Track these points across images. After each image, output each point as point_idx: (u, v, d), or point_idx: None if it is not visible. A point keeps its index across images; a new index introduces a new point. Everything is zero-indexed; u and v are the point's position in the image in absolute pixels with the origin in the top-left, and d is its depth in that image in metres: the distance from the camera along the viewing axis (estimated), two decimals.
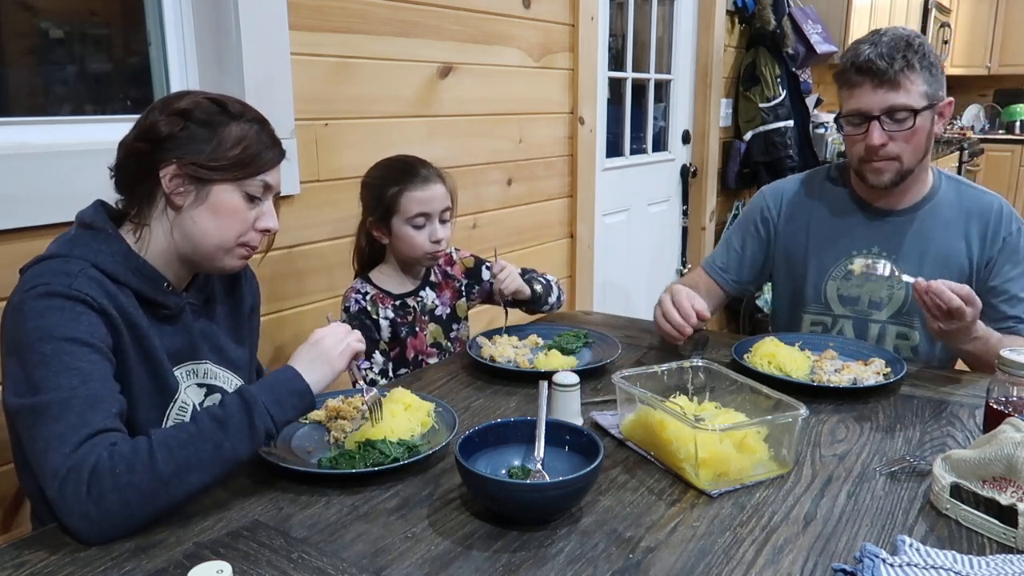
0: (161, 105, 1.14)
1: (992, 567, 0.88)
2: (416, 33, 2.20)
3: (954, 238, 1.67)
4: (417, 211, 1.64)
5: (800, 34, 4.13)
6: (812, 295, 1.79)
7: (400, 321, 1.70)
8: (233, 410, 1.02)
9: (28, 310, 1.01)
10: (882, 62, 1.53)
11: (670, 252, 3.96)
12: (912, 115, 1.55)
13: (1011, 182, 6.93)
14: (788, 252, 1.82)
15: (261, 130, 1.17)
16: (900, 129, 1.56)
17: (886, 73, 1.53)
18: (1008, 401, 1.16)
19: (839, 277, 1.75)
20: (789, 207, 1.82)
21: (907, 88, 1.54)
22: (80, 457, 0.94)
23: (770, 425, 1.14)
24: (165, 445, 0.97)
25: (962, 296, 1.37)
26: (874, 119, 1.56)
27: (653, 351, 1.69)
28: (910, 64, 1.54)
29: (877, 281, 1.70)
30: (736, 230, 1.90)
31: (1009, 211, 1.67)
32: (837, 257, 1.75)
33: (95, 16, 1.79)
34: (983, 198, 1.69)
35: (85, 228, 1.12)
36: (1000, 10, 7.15)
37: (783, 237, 1.82)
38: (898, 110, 1.55)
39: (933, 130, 1.61)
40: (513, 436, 1.12)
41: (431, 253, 1.68)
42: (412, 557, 0.93)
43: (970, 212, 1.67)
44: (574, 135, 2.92)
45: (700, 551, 0.94)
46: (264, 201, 1.18)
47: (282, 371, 1.10)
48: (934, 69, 1.57)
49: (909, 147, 1.59)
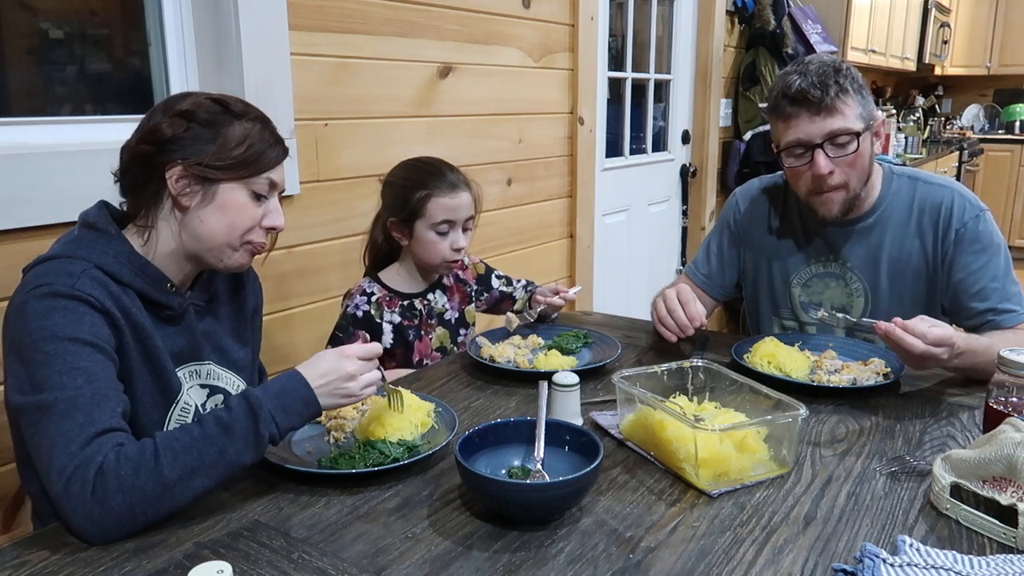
0: (163, 107, 1.14)
1: (992, 567, 0.88)
2: (416, 33, 2.20)
3: (907, 239, 1.64)
4: (443, 218, 1.63)
5: (800, 34, 4.13)
6: (781, 300, 1.79)
7: (406, 323, 1.69)
8: (239, 415, 1.01)
9: (31, 310, 1.02)
10: (815, 91, 1.51)
11: (670, 252, 3.97)
12: (854, 138, 1.53)
13: (1011, 182, 6.92)
14: (757, 255, 1.81)
15: (264, 128, 1.17)
16: (844, 154, 1.54)
17: (822, 101, 1.51)
18: (1008, 401, 1.16)
19: (799, 284, 1.75)
20: (755, 209, 1.80)
21: (843, 113, 1.53)
22: (87, 456, 0.94)
23: (770, 425, 1.14)
24: (170, 449, 0.97)
25: (932, 340, 1.29)
26: (817, 147, 1.54)
27: (653, 351, 1.69)
28: (843, 89, 1.52)
29: (836, 285, 1.71)
30: (714, 235, 1.89)
31: (962, 201, 1.61)
32: (797, 264, 1.74)
33: (95, 16, 1.79)
34: (934, 192, 1.64)
35: (88, 228, 1.12)
36: (1000, 10, 7.14)
37: (753, 240, 1.81)
38: (839, 135, 1.53)
39: (873, 151, 1.59)
40: (513, 436, 1.12)
41: (450, 261, 1.67)
42: (412, 557, 0.93)
43: (922, 209, 1.63)
44: (574, 135, 2.92)
45: (700, 551, 0.94)
46: (270, 199, 1.19)
47: (291, 377, 1.08)
48: (864, 91, 1.57)
49: (855, 172, 1.56)
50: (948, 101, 7.91)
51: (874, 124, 1.58)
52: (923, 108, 6.98)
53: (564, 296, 1.78)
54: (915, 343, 1.30)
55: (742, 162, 4.02)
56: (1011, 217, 6.90)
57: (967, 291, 1.60)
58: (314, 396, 1.07)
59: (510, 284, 1.91)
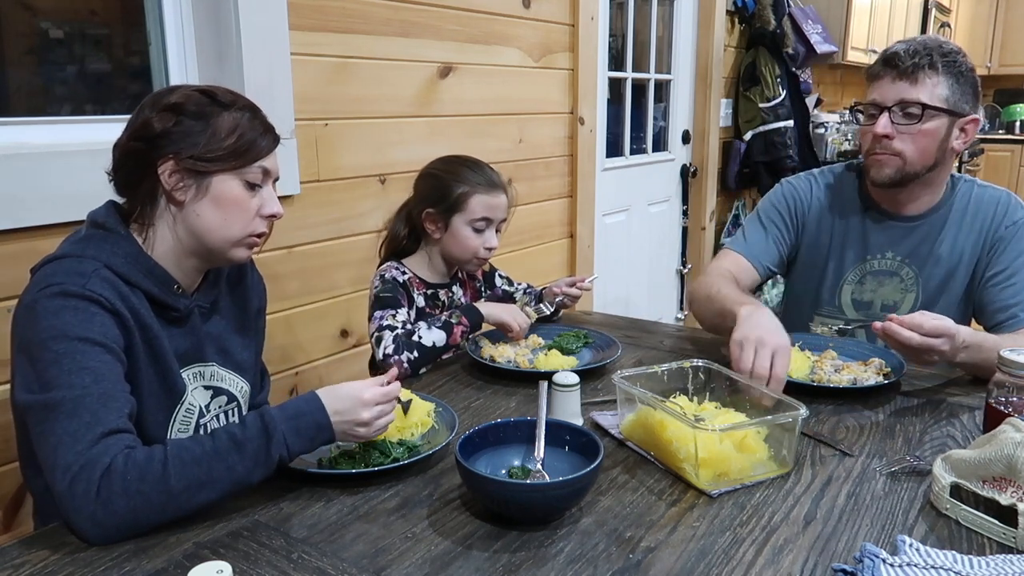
0: (151, 102, 1.14)
1: (992, 567, 0.88)
2: (416, 33, 2.20)
3: (962, 239, 1.66)
4: (482, 215, 1.64)
5: (800, 34, 4.14)
6: (827, 298, 1.77)
7: (428, 311, 1.68)
8: (252, 434, 1.01)
9: (41, 309, 1.01)
10: (906, 55, 1.53)
11: (670, 252, 3.97)
12: (926, 112, 1.53)
13: (1011, 182, 6.92)
14: (810, 252, 1.80)
15: (253, 117, 1.16)
16: (908, 124, 1.55)
17: (907, 67, 1.53)
18: (1008, 401, 1.16)
19: (854, 282, 1.74)
20: (818, 206, 1.79)
21: (924, 85, 1.53)
22: (94, 456, 0.94)
23: (770, 425, 1.14)
24: (179, 459, 0.96)
25: (929, 331, 1.29)
26: (885, 109, 1.56)
27: (653, 351, 1.69)
28: (933, 64, 1.53)
29: (889, 283, 1.70)
30: (762, 215, 1.82)
31: (1016, 202, 1.65)
32: (854, 261, 1.74)
33: (95, 16, 1.79)
34: (991, 192, 1.68)
35: (97, 228, 1.12)
36: (1000, 10, 7.15)
37: (809, 236, 1.79)
38: (910, 104, 1.54)
39: (950, 142, 1.58)
40: (513, 436, 1.12)
41: (480, 259, 1.68)
42: (412, 557, 0.93)
43: (976, 210, 1.66)
44: (574, 135, 2.92)
45: (700, 551, 0.94)
46: (264, 188, 1.18)
47: (309, 401, 1.07)
48: (962, 80, 1.55)
49: (914, 147, 1.56)
50: None
51: (961, 117, 1.57)
52: None
53: (581, 286, 1.79)
54: (910, 336, 1.29)
55: (742, 162, 4.02)
56: None
57: (999, 283, 1.60)
58: (329, 422, 1.06)
59: (511, 284, 1.92)
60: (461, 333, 1.57)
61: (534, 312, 1.72)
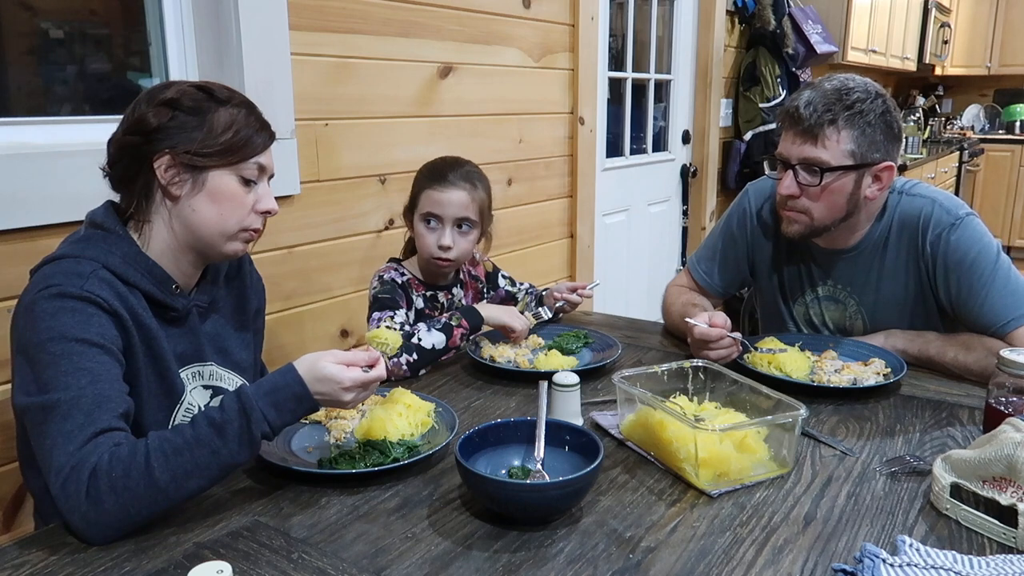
0: (147, 97, 1.14)
1: (992, 567, 0.88)
2: (416, 33, 2.20)
3: (900, 263, 1.59)
4: (427, 210, 1.63)
5: (800, 34, 4.13)
6: (785, 311, 1.77)
7: (427, 312, 1.69)
8: (231, 415, 0.99)
9: (40, 310, 1.01)
10: (806, 111, 1.46)
11: (670, 252, 3.97)
12: (829, 173, 1.47)
13: (1011, 182, 6.92)
14: (761, 259, 1.77)
15: (249, 113, 1.16)
16: (811, 184, 1.49)
17: (809, 125, 1.46)
18: (1008, 401, 1.16)
19: (804, 304, 1.73)
20: (767, 213, 1.74)
21: (825, 144, 1.46)
22: (83, 456, 0.94)
23: (770, 425, 1.14)
24: (161, 451, 0.96)
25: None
26: (790, 167, 1.52)
27: (653, 351, 1.69)
28: (834, 120, 1.45)
29: (836, 310, 1.69)
30: (720, 232, 1.81)
31: (938, 212, 1.53)
32: (802, 286, 1.72)
33: (95, 16, 1.79)
34: (913, 204, 1.57)
35: (95, 228, 1.12)
36: (1000, 10, 7.14)
37: (757, 241, 1.76)
38: (811, 164, 1.48)
39: (861, 192, 1.51)
40: (513, 436, 1.12)
41: (438, 260, 1.65)
42: (412, 557, 0.93)
43: (901, 225, 1.58)
44: (574, 135, 2.92)
45: (700, 551, 0.94)
46: (260, 184, 1.18)
47: (285, 373, 1.04)
48: (871, 129, 1.47)
49: (820, 205, 1.50)
50: (948, 101, 7.91)
51: (871, 166, 1.49)
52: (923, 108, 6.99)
53: (582, 293, 1.79)
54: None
55: (742, 162, 4.02)
56: (1011, 217, 6.91)
57: (974, 309, 1.50)
58: (308, 392, 1.03)
59: (514, 285, 1.92)
60: (461, 335, 1.57)
61: (532, 318, 1.71)
